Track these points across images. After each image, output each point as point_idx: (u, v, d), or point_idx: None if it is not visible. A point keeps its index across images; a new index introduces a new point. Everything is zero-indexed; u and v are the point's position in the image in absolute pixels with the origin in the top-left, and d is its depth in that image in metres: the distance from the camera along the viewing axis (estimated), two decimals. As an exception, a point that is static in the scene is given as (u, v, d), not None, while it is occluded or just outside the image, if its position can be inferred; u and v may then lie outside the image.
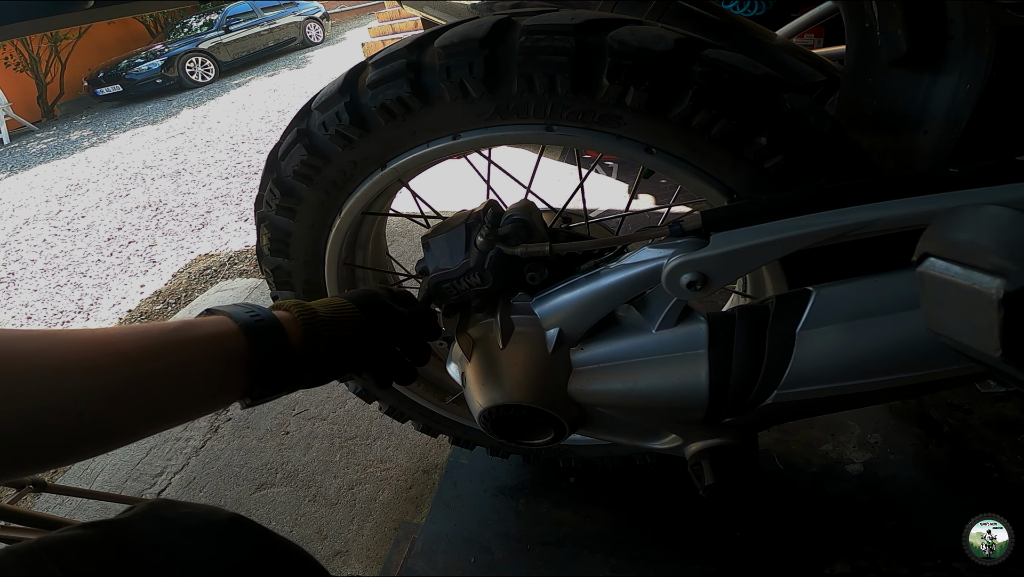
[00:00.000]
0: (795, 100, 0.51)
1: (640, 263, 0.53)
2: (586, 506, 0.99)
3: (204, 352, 0.39)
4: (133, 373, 0.35)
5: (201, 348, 0.39)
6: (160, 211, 3.39)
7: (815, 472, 0.96)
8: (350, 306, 0.52)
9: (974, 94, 0.52)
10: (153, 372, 0.36)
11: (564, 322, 0.59)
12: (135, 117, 7.02)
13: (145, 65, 8.16)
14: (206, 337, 0.39)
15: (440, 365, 0.97)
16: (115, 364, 0.34)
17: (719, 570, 0.85)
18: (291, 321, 0.45)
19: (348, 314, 0.51)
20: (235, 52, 8.87)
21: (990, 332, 0.31)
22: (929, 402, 1.02)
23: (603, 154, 0.65)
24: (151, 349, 0.37)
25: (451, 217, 0.65)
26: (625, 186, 2.10)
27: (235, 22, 9.06)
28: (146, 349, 0.36)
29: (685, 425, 0.62)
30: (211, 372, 0.39)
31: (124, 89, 8.18)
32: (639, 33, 0.51)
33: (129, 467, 1.35)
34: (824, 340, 0.48)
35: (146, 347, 0.36)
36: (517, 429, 0.65)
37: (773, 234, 0.45)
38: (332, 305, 0.51)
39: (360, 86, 0.60)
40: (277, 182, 0.68)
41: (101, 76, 8.33)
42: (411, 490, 1.10)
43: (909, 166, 0.62)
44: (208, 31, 8.85)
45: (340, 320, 0.49)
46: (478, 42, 0.53)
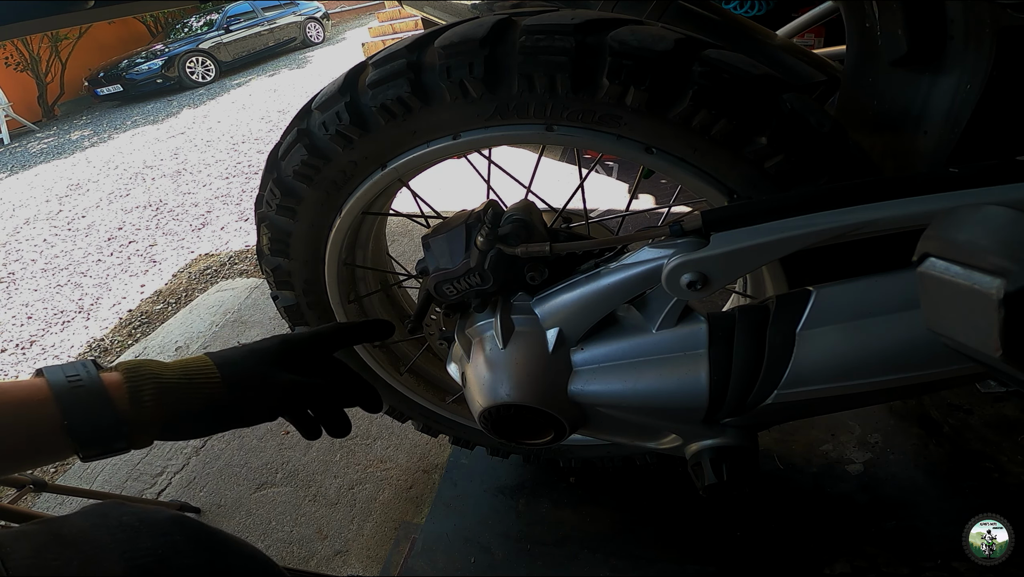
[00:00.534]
0: (795, 100, 0.51)
1: (640, 263, 0.53)
2: (586, 506, 0.99)
3: (10, 415, 0.40)
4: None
5: (6, 411, 0.40)
6: (160, 211, 3.39)
7: (815, 472, 0.96)
8: (209, 372, 0.49)
9: (974, 94, 0.52)
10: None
11: (564, 322, 0.59)
12: (135, 117, 7.02)
13: (145, 65, 8.16)
14: (13, 402, 0.41)
15: (440, 365, 0.97)
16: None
17: (719, 570, 0.85)
18: (117, 385, 0.45)
19: (202, 380, 0.49)
20: (235, 52, 8.87)
21: (990, 332, 0.31)
22: (929, 402, 1.02)
23: (603, 154, 0.65)
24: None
25: (451, 217, 0.65)
26: (625, 186, 2.10)
27: (235, 22, 9.06)
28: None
29: (685, 425, 0.61)
30: (17, 434, 0.40)
31: (124, 89, 8.19)
32: (639, 33, 0.51)
33: (129, 467, 1.35)
34: (824, 340, 0.48)
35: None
36: (517, 429, 0.65)
37: (773, 234, 0.45)
38: (188, 370, 0.49)
39: (360, 86, 0.60)
40: (277, 182, 0.68)
41: (101, 76, 8.33)
42: (411, 490, 1.10)
43: (909, 166, 0.62)
44: (208, 31, 8.85)
45: (187, 386, 0.48)
46: (478, 42, 0.53)
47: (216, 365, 0.50)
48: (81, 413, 0.42)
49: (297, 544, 1.06)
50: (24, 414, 0.41)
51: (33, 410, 0.41)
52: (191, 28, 9.23)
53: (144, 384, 0.46)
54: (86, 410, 0.42)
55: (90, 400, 0.42)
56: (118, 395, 0.44)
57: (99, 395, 0.43)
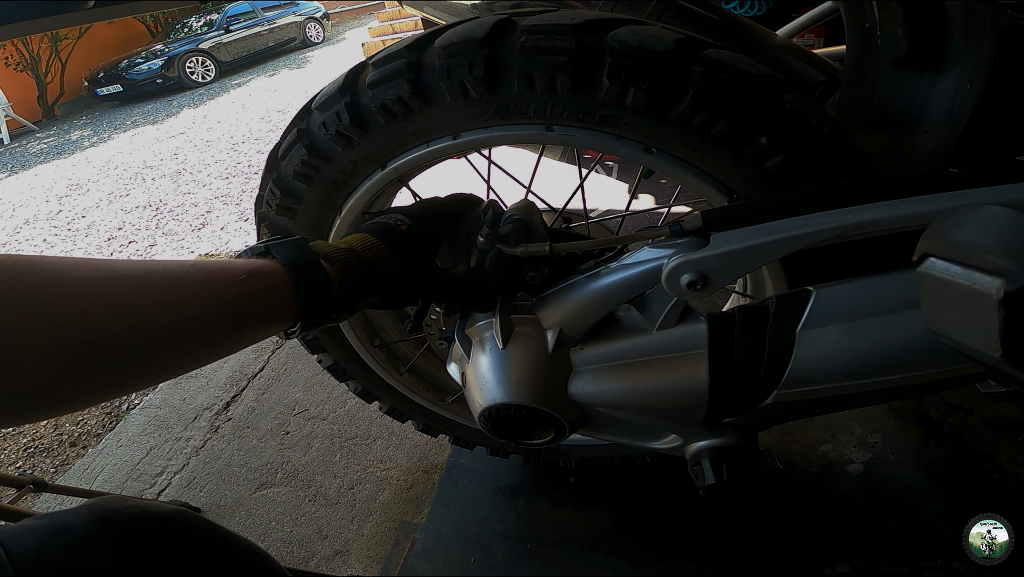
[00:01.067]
0: (795, 100, 0.51)
1: (640, 263, 0.53)
2: (586, 506, 0.99)
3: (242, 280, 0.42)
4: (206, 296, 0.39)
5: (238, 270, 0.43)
6: (160, 211, 3.39)
7: (815, 472, 0.96)
8: (390, 265, 0.54)
9: (974, 94, 0.52)
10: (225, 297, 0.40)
11: (564, 322, 0.59)
12: (135, 117, 7.02)
13: (145, 65, 8.16)
14: (245, 267, 0.43)
15: (440, 365, 0.97)
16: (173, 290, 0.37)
17: (719, 570, 0.85)
18: (330, 269, 0.48)
19: (385, 270, 0.53)
20: (235, 52, 8.87)
21: (990, 332, 0.31)
22: (929, 402, 1.02)
23: (603, 154, 0.65)
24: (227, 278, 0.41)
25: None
26: (625, 186, 2.10)
27: (235, 22, 9.06)
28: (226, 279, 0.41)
29: (685, 425, 0.61)
30: (252, 299, 0.42)
31: (124, 89, 8.18)
32: (639, 33, 0.51)
33: (129, 467, 1.35)
34: (824, 340, 0.48)
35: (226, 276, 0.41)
36: (517, 429, 0.65)
37: (773, 234, 0.45)
38: (376, 259, 0.53)
39: (360, 86, 0.60)
40: (277, 182, 0.68)
41: (101, 76, 8.33)
42: (411, 490, 1.10)
43: (909, 166, 0.62)
44: (208, 31, 8.85)
45: (373, 275, 0.52)
46: (478, 42, 0.53)
47: (391, 250, 0.54)
48: (306, 286, 0.45)
49: (297, 544, 1.06)
50: (257, 286, 0.42)
51: (264, 280, 0.43)
52: (191, 28, 9.23)
53: (354, 280, 0.49)
54: (310, 284, 0.45)
55: (315, 276, 0.46)
56: (333, 280, 0.48)
57: (320, 272, 0.46)
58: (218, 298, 0.40)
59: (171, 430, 1.43)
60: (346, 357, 0.87)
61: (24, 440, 1.67)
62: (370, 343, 0.87)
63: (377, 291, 0.52)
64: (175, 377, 0.41)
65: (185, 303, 0.38)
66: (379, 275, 0.52)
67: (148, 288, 0.36)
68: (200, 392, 1.55)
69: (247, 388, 1.52)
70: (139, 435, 1.45)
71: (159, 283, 0.37)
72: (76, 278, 0.33)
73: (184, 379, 1.62)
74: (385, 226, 0.56)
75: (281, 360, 1.59)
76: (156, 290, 0.36)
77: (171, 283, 0.37)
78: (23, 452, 1.63)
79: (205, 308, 0.39)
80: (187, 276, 0.38)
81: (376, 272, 0.52)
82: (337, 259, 0.49)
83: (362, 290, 0.50)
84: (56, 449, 1.59)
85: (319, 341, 0.85)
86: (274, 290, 0.43)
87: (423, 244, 0.57)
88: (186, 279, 0.38)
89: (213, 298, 0.39)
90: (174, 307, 0.37)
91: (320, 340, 0.85)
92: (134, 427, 1.49)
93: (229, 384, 1.55)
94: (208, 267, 0.40)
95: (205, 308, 0.39)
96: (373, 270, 0.51)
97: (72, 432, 1.61)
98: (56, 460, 1.55)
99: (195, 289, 0.38)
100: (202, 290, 0.39)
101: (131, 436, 1.46)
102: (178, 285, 0.38)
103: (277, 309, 0.44)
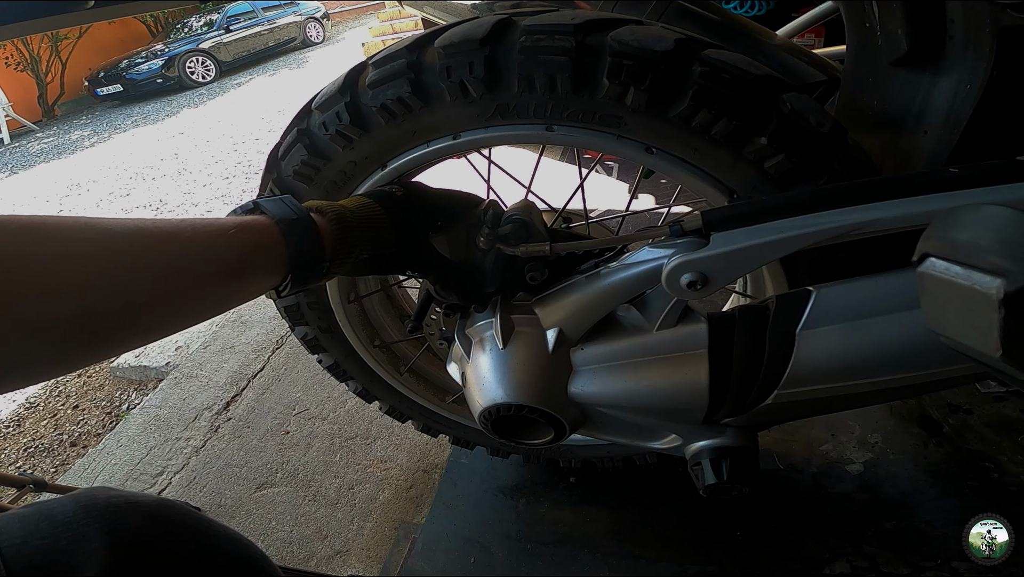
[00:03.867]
0: (795, 100, 0.51)
1: (640, 263, 0.53)
2: (586, 506, 0.99)
3: (233, 236, 0.42)
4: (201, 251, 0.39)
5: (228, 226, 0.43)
6: (161, 210, 3.39)
7: (815, 472, 0.96)
8: (387, 236, 0.54)
9: (974, 94, 0.52)
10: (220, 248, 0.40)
11: (564, 322, 0.59)
12: (136, 117, 7.02)
13: (145, 65, 8.16)
14: (236, 223, 0.43)
15: (440, 365, 0.97)
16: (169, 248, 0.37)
17: (719, 570, 0.85)
18: (323, 225, 0.48)
19: (381, 234, 0.53)
20: (235, 52, 8.87)
21: (990, 332, 0.31)
22: (929, 402, 1.02)
23: (603, 154, 0.65)
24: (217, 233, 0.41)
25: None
26: (625, 186, 2.10)
27: (235, 22, 9.06)
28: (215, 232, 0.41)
29: (685, 425, 0.62)
30: (242, 251, 0.42)
31: (124, 89, 8.18)
32: (639, 33, 0.51)
33: (129, 467, 1.35)
34: (824, 340, 0.48)
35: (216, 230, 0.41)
36: (517, 429, 0.65)
37: (773, 234, 0.45)
38: (371, 222, 0.53)
39: (360, 86, 0.60)
40: (277, 182, 0.68)
41: (102, 76, 8.33)
42: (411, 490, 1.10)
43: (909, 166, 0.62)
44: (208, 31, 8.85)
45: (368, 238, 0.52)
46: (478, 42, 0.53)
47: (386, 213, 0.54)
48: (296, 237, 0.45)
49: (297, 544, 1.06)
50: (248, 238, 0.42)
51: (255, 233, 0.43)
52: (191, 28, 9.23)
53: (346, 232, 0.49)
54: (300, 235, 0.45)
55: (305, 228, 0.46)
56: (324, 233, 0.48)
57: (310, 223, 0.46)
58: (208, 252, 0.40)
59: (171, 430, 1.43)
60: (346, 357, 0.87)
61: (24, 440, 1.67)
62: (370, 343, 0.87)
63: (369, 246, 0.51)
64: (166, 337, 0.41)
65: (176, 258, 0.38)
66: (371, 230, 0.52)
67: (138, 245, 0.36)
68: (200, 392, 1.55)
69: (247, 388, 1.52)
70: (139, 435, 1.45)
71: (148, 239, 0.37)
72: (69, 238, 0.33)
73: (184, 379, 1.62)
74: (379, 191, 0.57)
75: (281, 360, 1.59)
76: (145, 246, 0.36)
77: (160, 239, 0.37)
78: (23, 452, 1.63)
79: (196, 263, 0.39)
80: (177, 231, 0.38)
81: (368, 226, 0.51)
82: (329, 211, 0.49)
83: (354, 243, 0.49)
84: (56, 449, 1.60)
85: (319, 341, 0.85)
86: (265, 242, 0.43)
87: (417, 208, 0.57)
88: (176, 234, 0.38)
89: (203, 252, 0.39)
90: (165, 263, 0.37)
91: (320, 340, 0.85)
92: (134, 427, 1.49)
93: (229, 384, 1.55)
94: (197, 223, 0.40)
95: (196, 263, 0.39)
96: (365, 223, 0.51)
97: (72, 432, 1.61)
98: (56, 460, 1.55)
99: (185, 244, 0.38)
100: (192, 244, 0.39)
101: (131, 436, 1.46)
102: (167, 241, 0.38)
103: (268, 261, 0.44)
